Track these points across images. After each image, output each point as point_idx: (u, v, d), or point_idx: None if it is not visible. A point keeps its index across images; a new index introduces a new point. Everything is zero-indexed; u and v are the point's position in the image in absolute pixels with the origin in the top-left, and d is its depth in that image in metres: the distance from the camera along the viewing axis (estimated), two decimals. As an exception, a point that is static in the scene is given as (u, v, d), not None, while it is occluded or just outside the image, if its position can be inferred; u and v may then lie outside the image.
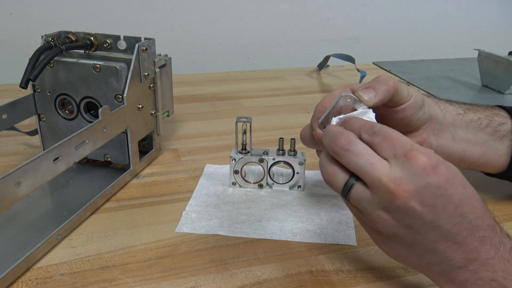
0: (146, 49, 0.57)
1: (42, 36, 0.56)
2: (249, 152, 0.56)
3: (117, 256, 0.45)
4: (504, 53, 1.03)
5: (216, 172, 0.61)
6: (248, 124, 0.54)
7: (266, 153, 0.56)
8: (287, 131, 0.76)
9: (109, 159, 0.59)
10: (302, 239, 0.48)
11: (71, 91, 0.57)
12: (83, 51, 0.59)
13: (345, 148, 0.35)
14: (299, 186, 0.57)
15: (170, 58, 0.65)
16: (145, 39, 0.58)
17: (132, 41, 0.58)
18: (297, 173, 0.56)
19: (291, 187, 0.57)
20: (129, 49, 0.59)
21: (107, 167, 0.61)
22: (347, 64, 1.12)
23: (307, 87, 1.01)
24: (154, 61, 0.60)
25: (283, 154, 0.56)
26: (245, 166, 0.57)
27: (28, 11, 1.07)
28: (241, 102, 0.90)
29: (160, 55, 0.63)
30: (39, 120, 0.60)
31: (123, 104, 0.55)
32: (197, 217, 0.52)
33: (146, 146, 0.65)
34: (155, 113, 0.63)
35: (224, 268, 0.44)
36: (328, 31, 1.32)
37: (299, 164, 0.56)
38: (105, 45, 0.59)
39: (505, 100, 0.95)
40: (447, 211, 0.32)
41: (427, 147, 0.47)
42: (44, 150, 0.52)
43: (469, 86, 1.04)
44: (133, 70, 0.56)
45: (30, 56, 0.53)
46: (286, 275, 0.43)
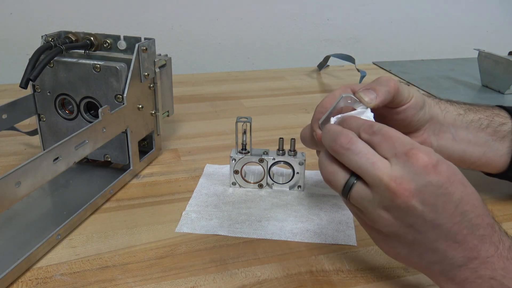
0: (146, 49, 0.57)
1: (42, 36, 0.56)
2: (249, 152, 0.56)
3: (117, 256, 0.45)
4: (504, 53, 1.03)
5: (216, 172, 0.61)
6: (248, 124, 0.54)
7: (266, 153, 0.56)
8: (287, 131, 0.76)
9: (109, 159, 0.59)
10: (302, 239, 0.48)
11: (71, 91, 0.57)
12: (83, 51, 0.59)
13: (345, 147, 0.35)
14: (299, 186, 0.57)
15: (170, 58, 0.65)
16: (145, 39, 0.58)
17: (132, 41, 0.58)
18: (297, 173, 0.56)
19: (291, 187, 0.57)
20: (129, 49, 0.59)
21: (107, 167, 0.61)
22: (347, 64, 1.12)
23: (307, 87, 1.01)
24: (154, 61, 0.60)
25: (283, 154, 0.56)
26: (245, 166, 0.57)
27: (28, 11, 1.07)
28: (241, 102, 0.90)
29: (160, 55, 0.63)
30: (39, 120, 0.60)
31: (123, 104, 0.55)
32: (197, 217, 0.52)
33: (146, 146, 0.65)
34: (155, 113, 0.63)
35: (224, 268, 0.44)
36: (328, 31, 1.32)
37: (299, 164, 0.56)
38: (105, 45, 0.59)
39: (505, 100, 0.95)
40: (447, 210, 0.32)
41: None
42: (44, 150, 0.52)
43: (469, 86, 1.04)
44: (133, 70, 0.56)
45: (30, 56, 0.53)
46: (286, 275, 0.43)
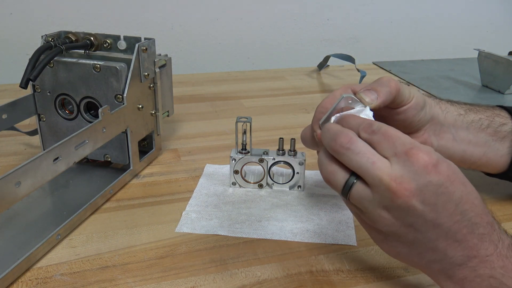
0: (146, 49, 0.57)
1: (42, 36, 0.56)
2: (249, 152, 0.56)
3: (117, 256, 0.45)
4: (504, 53, 1.03)
5: (216, 172, 0.61)
6: (248, 124, 0.54)
7: (266, 153, 0.56)
8: (287, 131, 0.76)
9: (109, 159, 0.59)
10: (302, 239, 0.48)
11: (71, 91, 0.57)
12: (83, 51, 0.59)
13: (345, 146, 0.35)
14: (299, 186, 0.57)
15: (170, 58, 0.65)
16: (145, 39, 0.58)
17: (132, 41, 0.58)
18: (297, 173, 0.56)
19: (291, 187, 0.57)
20: (129, 49, 0.59)
21: (107, 167, 0.61)
22: (347, 64, 1.12)
23: (307, 87, 1.01)
24: (154, 61, 0.60)
25: (283, 154, 0.56)
26: (245, 166, 0.57)
27: (28, 11, 1.07)
28: (241, 102, 0.90)
29: (160, 55, 0.63)
30: (39, 120, 0.60)
31: (123, 104, 0.55)
32: (197, 217, 0.52)
33: (146, 146, 0.65)
34: (155, 113, 0.63)
35: (224, 268, 0.44)
36: (328, 31, 1.32)
37: (299, 164, 0.56)
38: (105, 45, 0.59)
39: (505, 100, 0.95)
40: (447, 209, 0.32)
41: None
42: (44, 150, 0.52)
43: (469, 86, 1.04)
44: (133, 70, 0.56)
45: (30, 56, 0.53)
46: (286, 275, 0.43)
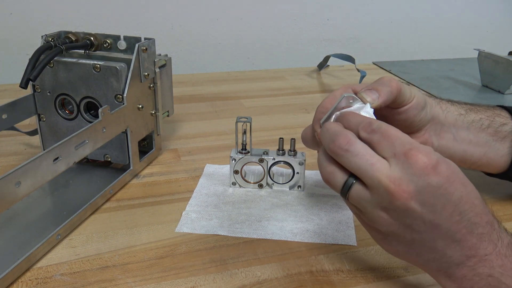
0: (146, 49, 0.57)
1: (42, 36, 0.56)
2: (249, 152, 0.56)
3: (117, 256, 0.45)
4: (504, 53, 1.03)
5: (216, 172, 0.61)
6: (248, 124, 0.54)
7: (266, 153, 0.56)
8: (287, 131, 0.76)
9: (109, 159, 0.59)
10: (302, 239, 0.48)
11: (71, 91, 0.57)
12: (83, 51, 0.59)
13: (344, 148, 0.35)
14: (299, 186, 0.57)
15: (170, 58, 0.65)
16: (145, 39, 0.58)
17: (132, 41, 0.58)
18: (297, 173, 0.56)
19: (291, 187, 0.57)
20: (129, 49, 0.59)
21: (107, 167, 0.61)
22: (347, 64, 1.12)
23: (307, 87, 1.01)
24: (154, 61, 0.60)
25: (283, 154, 0.56)
26: (245, 166, 0.57)
27: (28, 11, 1.07)
28: (241, 102, 0.90)
29: (160, 55, 0.63)
30: (39, 120, 0.60)
31: (123, 104, 0.55)
32: (197, 217, 0.52)
33: (146, 146, 0.65)
34: (155, 113, 0.63)
35: (224, 268, 0.44)
36: (328, 31, 1.32)
37: (299, 164, 0.56)
38: (105, 45, 0.59)
39: (505, 100, 0.95)
40: (446, 210, 0.32)
41: None
42: (44, 150, 0.52)
43: (469, 86, 1.04)
44: (133, 70, 0.56)
45: (30, 56, 0.53)
46: (286, 275, 0.43)
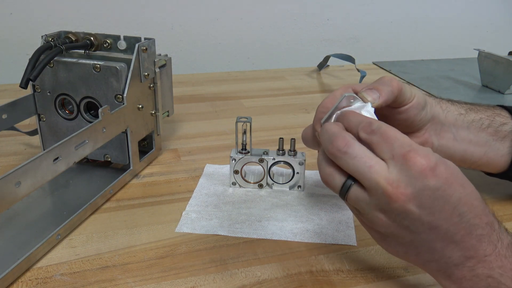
0: (146, 49, 0.57)
1: (42, 36, 0.56)
2: (249, 152, 0.56)
3: (117, 256, 0.45)
4: (504, 53, 1.03)
5: (216, 172, 0.61)
6: (248, 124, 0.54)
7: (266, 153, 0.56)
8: (287, 131, 0.76)
9: (109, 159, 0.59)
10: (302, 239, 0.48)
11: (71, 91, 0.57)
12: (83, 51, 0.59)
13: (342, 150, 0.35)
14: (299, 186, 0.57)
15: (170, 58, 0.65)
16: (145, 39, 0.58)
17: (132, 41, 0.58)
18: (297, 173, 0.56)
19: (291, 187, 0.57)
20: (129, 49, 0.59)
21: (107, 167, 0.61)
22: (347, 64, 1.12)
23: (307, 87, 1.01)
24: (154, 61, 0.60)
25: (283, 154, 0.56)
26: (245, 166, 0.57)
27: (28, 11, 1.07)
28: (241, 102, 0.90)
29: (160, 55, 0.63)
30: (39, 120, 0.60)
31: (123, 104, 0.55)
32: (197, 217, 0.52)
33: (146, 146, 0.65)
34: (155, 113, 0.63)
35: (224, 268, 0.44)
36: (328, 31, 1.32)
37: (299, 164, 0.56)
38: (105, 45, 0.59)
39: (505, 100, 0.95)
40: (445, 212, 0.32)
41: (428, 147, 0.47)
42: (44, 150, 0.52)
43: (469, 86, 1.04)
44: (133, 70, 0.56)
45: (30, 56, 0.53)
46: (286, 275, 0.43)
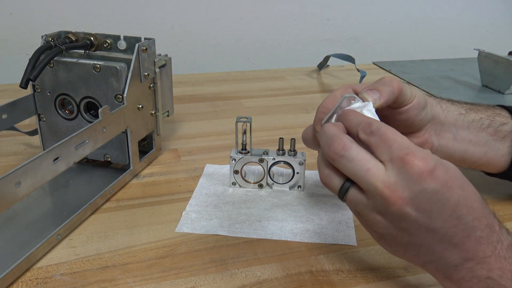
0: (146, 49, 0.57)
1: (42, 36, 0.56)
2: (249, 152, 0.56)
3: (117, 256, 0.45)
4: (504, 53, 1.03)
5: (216, 172, 0.61)
6: (248, 124, 0.54)
7: (266, 153, 0.56)
8: (287, 131, 0.76)
9: (109, 159, 0.59)
10: (302, 239, 0.48)
11: (71, 91, 0.57)
12: (83, 51, 0.59)
13: (339, 153, 0.35)
14: (299, 186, 0.57)
15: (170, 58, 0.65)
16: (145, 39, 0.58)
17: (132, 41, 0.58)
18: (297, 173, 0.56)
19: (291, 187, 0.57)
20: (129, 49, 0.59)
21: (107, 167, 0.61)
22: (347, 64, 1.11)
23: (307, 87, 1.01)
24: (154, 61, 0.60)
25: (283, 154, 0.56)
26: (245, 166, 0.57)
27: (28, 11, 1.07)
28: (241, 102, 0.90)
29: (160, 55, 0.63)
30: (39, 120, 0.60)
31: (123, 104, 0.55)
32: (197, 217, 0.52)
33: (146, 146, 0.65)
34: (155, 113, 0.63)
35: (224, 268, 0.44)
36: (328, 31, 1.32)
37: (299, 164, 0.56)
38: (105, 45, 0.59)
39: (505, 100, 0.95)
40: (443, 215, 0.32)
41: (429, 147, 0.47)
42: (44, 150, 0.52)
43: (469, 86, 1.04)
44: (133, 70, 0.56)
45: (30, 56, 0.53)
46: (286, 275, 0.43)
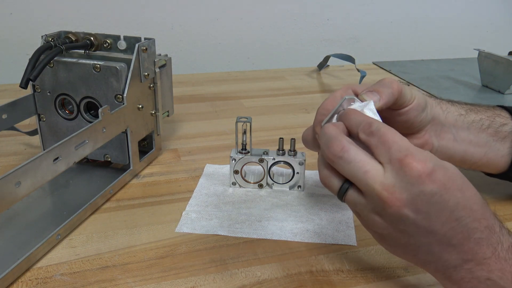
0: (146, 49, 0.57)
1: (42, 36, 0.56)
2: (249, 152, 0.56)
3: (117, 256, 0.45)
4: (504, 53, 1.03)
5: (216, 172, 0.61)
6: (248, 124, 0.54)
7: (266, 153, 0.56)
8: (287, 131, 0.76)
9: (109, 159, 0.59)
10: (302, 239, 0.48)
11: (71, 91, 0.57)
12: (83, 51, 0.59)
13: (338, 155, 0.35)
14: (299, 186, 0.57)
15: (170, 58, 0.65)
16: (145, 39, 0.58)
17: (132, 41, 0.58)
18: (297, 173, 0.56)
19: (291, 187, 0.57)
20: (129, 49, 0.59)
21: (107, 167, 0.61)
22: (347, 64, 1.11)
23: (307, 87, 1.01)
24: (154, 61, 0.60)
25: (283, 154, 0.56)
26: (245, 166, 0.57)
27: (28, 11, 1.07)
28: (241, 102, 0.90)
29: (160, 55, 0.63)
30: (39, 120, 0.60)
31: (123, 104, 0.55)
32: (197, 217, 0.52)
33: (146, 146, 0.65)
34: (155, 113, 0.63)
35: (224, 268, 0.44)
36: (328, 31, 1.32)
37: (299, 164, 0.56)
38: (105, 45, 0.59)
39: (505, 100, 0.95)
40: (442, 217, 0.32)
41: (429, 148, 0.47)
42: (44, 150, 0.52)
43: (469, 86, 1.04)
44: (133, 70, 0.56)
45: (30, 56, 0.53)
46: (286, 275, 0.43)
